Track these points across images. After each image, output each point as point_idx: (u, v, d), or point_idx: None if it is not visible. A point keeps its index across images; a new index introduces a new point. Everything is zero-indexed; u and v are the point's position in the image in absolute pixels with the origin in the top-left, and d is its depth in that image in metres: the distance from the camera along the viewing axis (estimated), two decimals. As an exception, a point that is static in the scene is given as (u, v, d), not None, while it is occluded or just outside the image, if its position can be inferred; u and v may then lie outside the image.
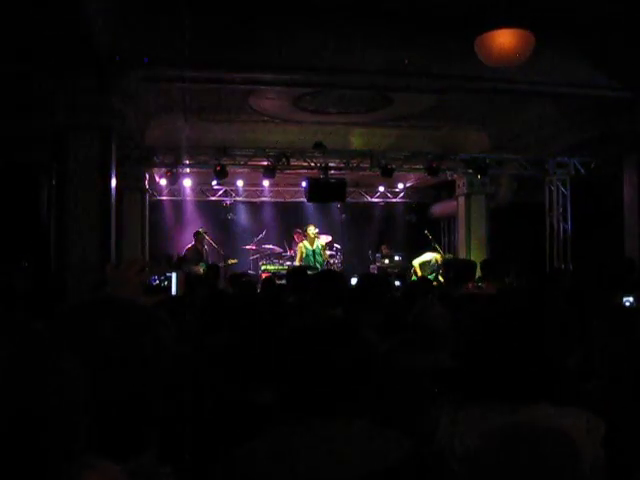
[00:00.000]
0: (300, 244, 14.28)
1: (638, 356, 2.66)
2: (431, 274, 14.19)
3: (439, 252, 14.73)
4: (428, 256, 14.53)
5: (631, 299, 5.14)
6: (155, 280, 8.17)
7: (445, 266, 12.96)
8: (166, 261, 13.36)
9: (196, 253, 13.75)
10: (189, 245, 14.18)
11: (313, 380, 2.05)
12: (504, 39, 7.38)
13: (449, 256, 15.05)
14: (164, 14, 8.60)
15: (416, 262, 14.51)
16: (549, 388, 2.23)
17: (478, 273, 8.32)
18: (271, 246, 15.89)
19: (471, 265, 8.56)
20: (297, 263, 13.98)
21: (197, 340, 3.67)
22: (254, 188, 18.03)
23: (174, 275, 8.64)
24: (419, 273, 14.18)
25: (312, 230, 14.16)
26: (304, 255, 13.94)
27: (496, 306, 2.59)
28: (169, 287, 8.42)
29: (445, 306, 4.37)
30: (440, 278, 13.51)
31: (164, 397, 1.30)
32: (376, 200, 19.41)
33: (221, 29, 9.01)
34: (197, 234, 14.19)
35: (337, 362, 2.05)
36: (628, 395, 1.85)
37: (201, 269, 12.94)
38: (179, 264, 12.16)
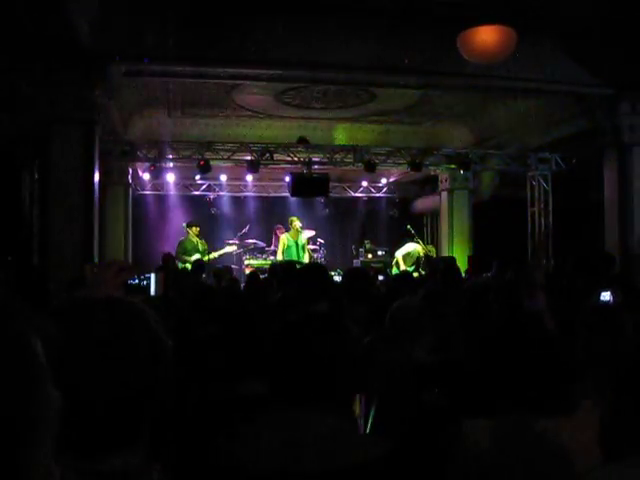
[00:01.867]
0: (282, 236, 14.27)
1: (624, 356, 2.70)
2: (411, 266, 14.25)
3: (420, 244, 14.79)
4: (410, 247, 14.57)
5: (608, 294, 5.17)
6: (135, 280, 8.15)
7: (429, 263, 13.00)
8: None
9: (190, 244, 13.67)
10: (181, 238, 14.07)
11: (297, 372, 2.11)
12: (486, 36, 7.43)
13: (431, 248, 15.11)
14: (148, 9, 8.58)
15: (399, 254, 14.55)
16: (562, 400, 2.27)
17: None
18: (254, 240, 15.89)
19: (454, 261, 8.63)
20: (279, 255, 13.98)
21: (183, 334, 3.69)
22: (238, 183, 18.00)
23: (153, 275, 8.59)
24: (402, 266, 14.23)
25: (297, 223, 14.16)
26: (286, 247, 13.93)
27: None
28: (148, 287, 8.39)
29: (427, 301, 4.42)
30: (421, 271, 13.57)
31: (155, 391, 1.30)
32: (359, 195, 19.45)
33: (204, 24, 8.99)
34: (189, 226, 14.04)
35: (320, 355, 2.11)
36: (615, 396, 1.89)
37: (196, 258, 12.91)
38: (171, 260, 12.02)
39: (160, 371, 1.30)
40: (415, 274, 11.95)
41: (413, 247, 14.60)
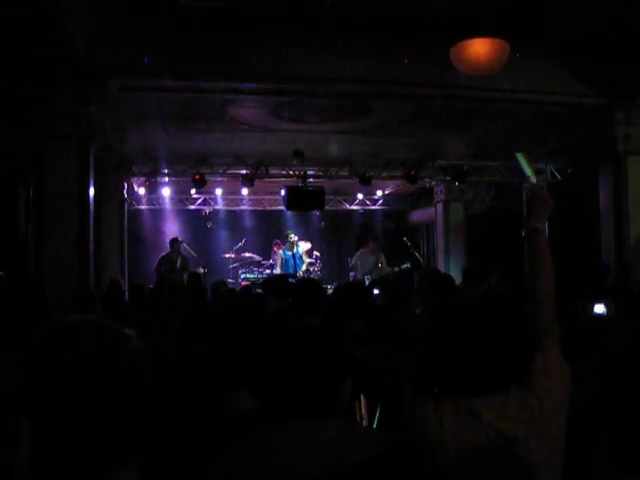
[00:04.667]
0: (279, 251, 14.31)
1: (619, 368, 2.71)
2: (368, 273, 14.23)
3: (417, 257, 14.76)
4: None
5: (602, 307, 5.15)
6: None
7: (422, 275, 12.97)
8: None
9: (168, 261, 13.66)
10: (163, 254, 14.08)
11: (290, 386, 2.13)
12: (479, 48, 7.47)
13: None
14: (143, 25, 8.61)
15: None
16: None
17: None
18: (250, 254, 15.89)
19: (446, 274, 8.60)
20: (277, 270, 14.01)
21: (179, 349, 3.69)
22: (233, 197, 18.00)
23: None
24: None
25: (292, 236, 14.19)
26: (283, 261, 13.96)
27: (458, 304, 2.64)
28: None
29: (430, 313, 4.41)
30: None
31: (146, 407, 1.30)
32: (355, 208, 19.45)
33: (199, 40, 9.02)
34: (171, 242, 14.06)
35: (314, 369, 2.12)
36: (612, 408, 1.90)
37: (172, 277, 12.90)
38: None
39: (145, 389, 1.30)
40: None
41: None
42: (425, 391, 2.69)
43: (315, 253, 15.93)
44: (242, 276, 15.11)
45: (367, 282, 13.92)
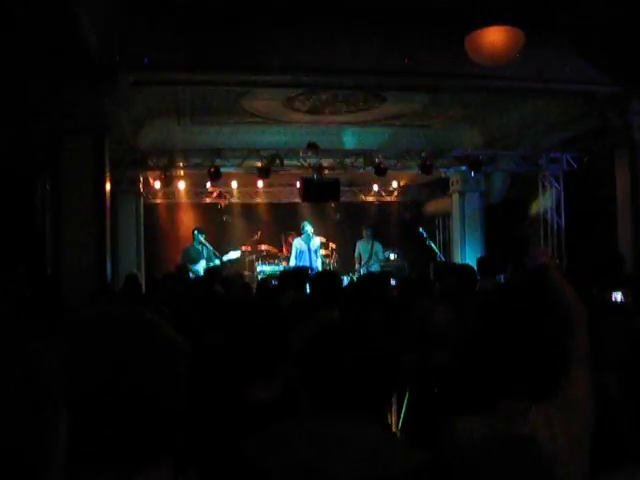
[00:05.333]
0: (294, 241, 14.29)
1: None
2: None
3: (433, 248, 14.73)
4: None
5: (619, 295, 5.12)
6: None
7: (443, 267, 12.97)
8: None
9: (194, 251, 13.69)
10: (187, 245, 14.10)
11: (330, 382, 2.11)
12: (494, 37, 7.42)
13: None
14: (156, 18, 8.62)
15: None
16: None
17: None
18: (266, 247, 15.89)
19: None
20: (292, 261, 13.99)
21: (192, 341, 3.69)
22: (248, 189, 18.01)
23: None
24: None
25: (308, 228, 14.17)
26: (298, 252, 13.94)
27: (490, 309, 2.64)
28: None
29: (447, 304, 4.39)
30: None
31: (181, 400, 1.29)
32: (370, 199, 19.39)
33: (213, 32, 9.02)
34: (194, 232, 14.06)
35: (359, 364, 2.11)
36: (631, 391, 1.89)
37: (201, 267, 12.97)
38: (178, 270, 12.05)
39: (178, 381, 1.28)
40: None
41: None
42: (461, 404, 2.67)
43: (331, 245, 15.92)
44: (258, 269, 15.11)
45: (362, 272, 14.02)
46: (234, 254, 14.08)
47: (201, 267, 13.05)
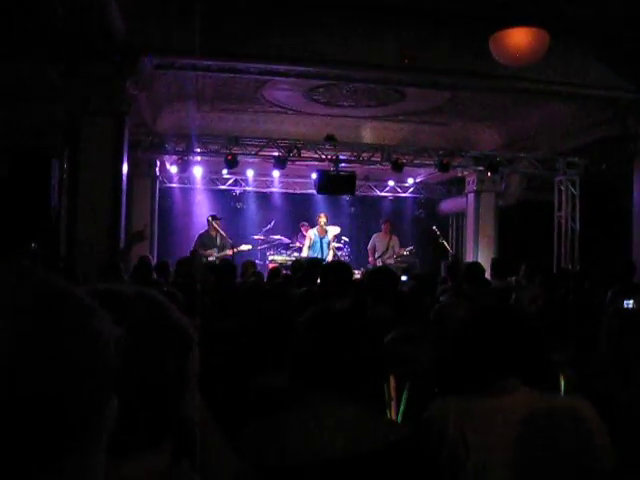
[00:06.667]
0: (309, 232, 14.32)
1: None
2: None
3: (445, 245, 14.75)
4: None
5: (631, 303, 5.09)
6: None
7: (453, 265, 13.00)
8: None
9: (208, 238, 13.72)
10: (201, 231, 14.13)
11: (317, 367, 2.16)
12: (519, 38, 7.39)
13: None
14: (178, 2, 8.64)
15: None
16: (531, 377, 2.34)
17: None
18: (279, 237, 15.92)
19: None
20: (305, 251, 14.02)
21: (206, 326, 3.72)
22: (264, 178, 18.04)
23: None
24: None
25: (323, 219, 14.19)
26: (312, 243, 13.97)
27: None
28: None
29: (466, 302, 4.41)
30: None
31: (180, 387, 1.25)
32: (385, 194, 19.40)
33: (235, 19, 9.05)
34: (210, 219, 14.08)
35: (345, 349, 2.16)
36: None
37: (214, 253, 13.00)
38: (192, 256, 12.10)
39: (185, 366, 1.25)
40: None
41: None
42: (447, 385, 2.72)
43: (344, 238, 15.93)
44: (270, 258, 15.14)
45: (379, 264, 14.07)
46: (246, 247, 14.09)
47: (213, 254, 13.08)
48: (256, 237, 15.71)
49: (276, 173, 16.45)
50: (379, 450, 2.05)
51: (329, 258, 13.87)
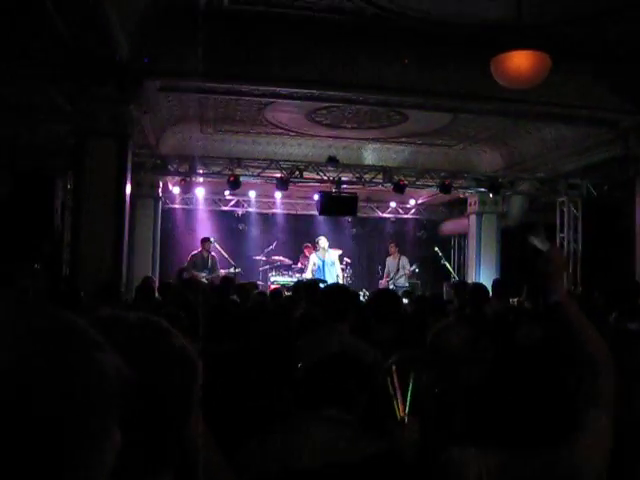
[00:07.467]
0: (312, 255, 14.34)
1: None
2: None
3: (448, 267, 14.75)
4: None
5: (634, 325, 5.07)
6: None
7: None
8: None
9: (200, 259, 13.76)
10: (194, 252, 14.17)
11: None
12: (520, 60, 7.41)
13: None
14: (182, 27, 8.70)
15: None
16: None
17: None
18: (281, 258, 15.92)
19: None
20: (308, 274, 14.02)
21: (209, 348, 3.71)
22: (266, 199, 18.07)
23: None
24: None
25: (323, 242, 14.22)
26: (315, 267, 13.99)
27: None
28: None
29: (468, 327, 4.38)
30: None
31: (184, 411, 1.24)
32: (387, 215, 19.43)
33: (237, 43, 9.10)
34: (203, 241, 14.14)
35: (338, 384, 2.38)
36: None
37: (202, 276, 13.00)
38: (179, 273, 12.20)
39: (189, 394, 1.24)
40: None
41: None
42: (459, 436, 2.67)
43: (346, 259, 15.93)
44: (272, 279, 15.14)
45: (391, 286, 14.05)
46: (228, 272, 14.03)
47: (202, 275, 13.11)
48: (257, 258, 15.73)
49: (278, 194, 16.48)
50: (355, 463, 2.17)
51: (340, 280, 13.89)
